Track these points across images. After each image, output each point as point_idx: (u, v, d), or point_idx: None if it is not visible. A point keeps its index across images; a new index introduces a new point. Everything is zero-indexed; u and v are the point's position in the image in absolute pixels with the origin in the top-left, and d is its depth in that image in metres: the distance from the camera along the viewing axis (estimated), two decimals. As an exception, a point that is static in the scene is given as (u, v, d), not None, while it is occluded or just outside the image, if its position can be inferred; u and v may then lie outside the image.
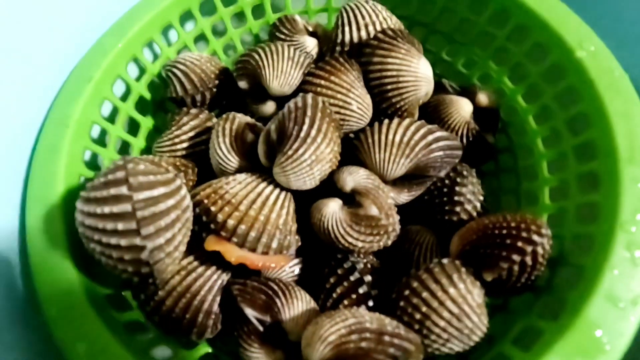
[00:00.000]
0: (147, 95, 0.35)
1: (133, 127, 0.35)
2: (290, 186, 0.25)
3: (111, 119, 0.33)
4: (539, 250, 0.22)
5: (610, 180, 0.24)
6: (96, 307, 0.22)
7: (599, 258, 0.21)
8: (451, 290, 0.22)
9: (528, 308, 0.24)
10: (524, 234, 0.22)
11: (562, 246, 0.25)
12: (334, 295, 0.25)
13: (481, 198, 0.29)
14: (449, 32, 0.37)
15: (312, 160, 0.24)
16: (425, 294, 0.22)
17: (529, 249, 0.22)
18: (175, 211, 0.21)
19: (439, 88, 0.34)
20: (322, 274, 0.27)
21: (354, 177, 0.25)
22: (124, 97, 0.33)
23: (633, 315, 0.20)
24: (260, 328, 0.23)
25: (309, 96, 0.25)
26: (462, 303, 0.22)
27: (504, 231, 0.23)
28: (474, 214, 0.28)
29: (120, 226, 0.19)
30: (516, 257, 0.22)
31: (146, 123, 0.35)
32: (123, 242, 0.19)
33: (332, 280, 0.26)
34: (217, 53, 0.39)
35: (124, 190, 0.19)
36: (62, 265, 0.23)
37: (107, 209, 0.19)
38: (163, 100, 0.37)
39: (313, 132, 0.24)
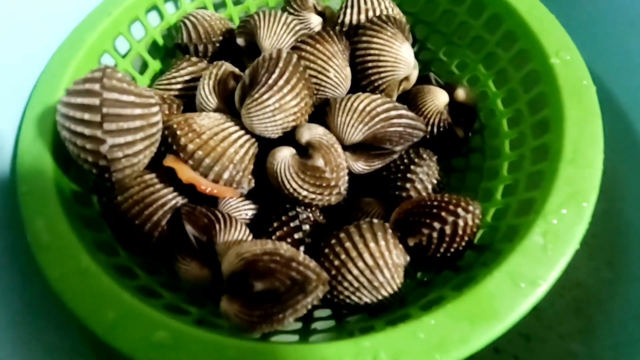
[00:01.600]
0: (160, 41, 0.39)
1: (142, 67, 0.38)
2: (254, 130, 0.28)
3: (123, 54, 0.36)
4: (460, 222, 0.23)
5: (549, 178, 0.24)
6: (60, 195, 0.25)
7: (515, 241, 0.22)
8: (371, 245, 0.24)
9: (445, 283, 0.25)
10: (451, 207, 0.24)
11: (496, 235, 0.26)
12: (273, 237, 0.27)
13: (435, 182, 0.30)
14: (448, 33, 0.38)
15: (276, 107, 0.27)
16: (347, 244, 0.24)
17: (450, 219, 0.23)
18: (140, 120, 0.24)
19: (424, 80, 0.36)
20: (269, 219, 0.29)
21: (311, 132, 0.27)
22: (140, 39, 0.37)
23: (530, 295, 0.20)
24: (195, 245, 0.25)
25: (285, 50, 0.27)
26: (379, 258, 0.23)
27: (435, 203, 0.24)
28: (423, 193, 0.29)
29: (86, 116, 0.22)
30: (436, 225, 0.23)
31: (154, 65, 0.39)
32: (87, 131, 0.22)
33: (275, 224, 0.28)
34: (232, 19, 0.43)
35: (96, 87, 0.22)
36: (43, 155, 0.26)
37: (79, 100, 0.22)
38: (174, 49, 0.40)
39: (281, 82, 0.26)
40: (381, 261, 0.23)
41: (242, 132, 0.28)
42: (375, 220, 0.25)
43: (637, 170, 0.32)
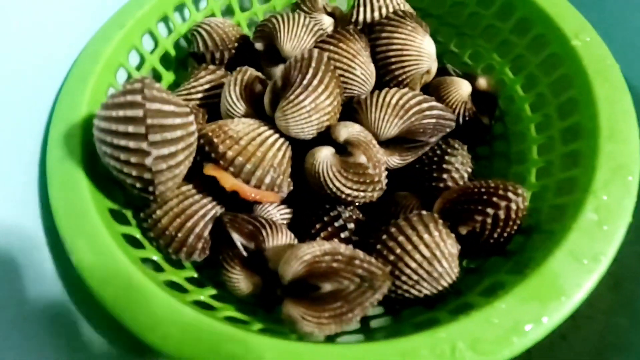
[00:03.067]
0: (172, 52, 0.38)
1: (155, 79, 0.38)
2: (289, 132, 0.27)
3: (137, 66, 0.35)
4: (513, 206, 0.23)
5: (590, 156, 0.25)
6: (98, 213, 0.24)
7: (568, 220, 0.23)
8: (425, 236, 0.23)
9: (498, 268, 0.25)
10: (501, 192, 0.24)
11: (539, 217, 0.26)
12: (318, 239, 0.27)
13: (469, 170, 0.30)
14: (458, 24, 0.39)
15: (312, 108, 0.26)
16: (400, 238, 0.24)
17: (503, 203, 0.23)
18: (181, 130, 0.23)
19: (443, 72, 0.36)
20: (309, 221, 0.29)
21: (349, 130, 0.27)
22: (152, 50, 0.37)
23: (594, 271, 0.21)
24: (244, 253, 0.25)
25: (315, 50, 0.27)
26: (435, 249, 0.23)
27: (483, 189, 0.25)
28: (460, 182, 0.29)
29: (130, 129, 0.21)
30: (490, 211, 0.23)
31: (167, 77, 0.38)
32: (131, 144, 0.21)
33: (317, 226, 0.28)
34: (240, 25, 0.42)
35: (138, 98, 0.21)
36: (75, 173, 0.26)
37: (121, 113, 0.21)
38: (185, 59, 0.39)
39: (315, 82, 0.26)
40: (437, 252, 0.23)
41: (277, 135, 0.28)
42: (424, 212, 0.25)
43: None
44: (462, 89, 0.33)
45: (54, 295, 0.24)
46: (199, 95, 0.34)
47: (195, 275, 0.28)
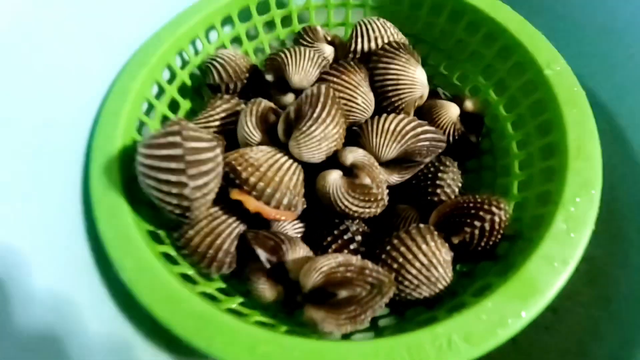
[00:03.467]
0: (188, 82, 0.42)
1: (174, 107, 0.41)
2: (302, 157, 0.31)
3: (158, 97, 0.39)
4: (496, 219, 0.28)
5: (560, 172, 0.29)
6: (140, 236, 0.28)
7: (542, 229, 0.27)
8: (423, 247, 0.28)
9: (487, 272, 0.29)
10: (486, 207, 0.28)
11: (522, 225, 0.30)
12: (329, 250, 0.31)
13: (460, 185, 0.34)
14: (447, 49, 0.43)
15: (321, 137, 0.30)
16: (402, 248, 0.28)
17: (488, 217, 0.27)
18: (212, 163, 0.27)
19: (433, 94, 0.41)
20: (321, 234, 0.33)
21: (354, 154, 0.31)
22: (170, 81, 0.40)
23: (563, 272, 0.25)
24: (268, 265, 0.29)
25: (324, 86, 0.31)
26: (432, 257, 0.27)
27: (471, 204, 0.29)
28: (452, 196, 0.34)
29: (172, 165, 0.25)
30: (477, 223, 0.28)
31: (184, 105, 0.42)
32: (173, 178, 0.25)
33: (329, 239, 0.32)
34: (248, 53, 0.46)
35: (178, 139, 0.25)
36: (117, 202, 0.29)
37: (164, 152, 0.25)
38: (200, 87, 0.43)
39: (324, 114, 0.30)
40: (434, 259, 0.27)
41: (290, 160, 0.32)
42: (421, 225, 0.29)
43: (622, 159, 0.38)
44: (451, 111, 0.37)
45: (110, 318, 0.28)
46: (217, 123, 0.38)
47: (224, 286, 0.32)
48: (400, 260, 0.27)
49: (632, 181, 0.37)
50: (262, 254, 0.29)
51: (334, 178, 0.30)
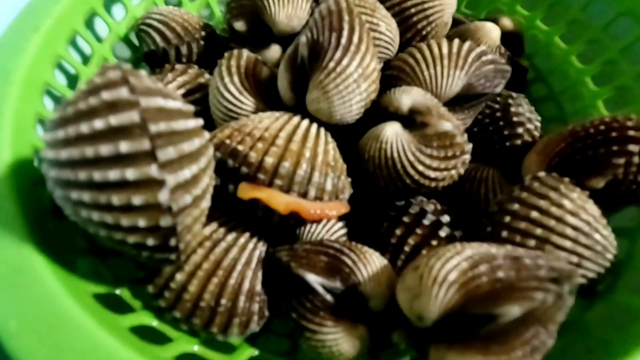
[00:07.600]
0: (113, 59, 0.28)
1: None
2: (334, 115, 0.20)
3: (70, 83, 0.25)
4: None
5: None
6: (82, 307, 0.15)
7: None
8: (566, 203, 0.17)
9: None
10: (631, 132, 0.19)
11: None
12: (406, 248, 0.20)
13: (539, 118, 0.25)
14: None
15: (359, 74, 0.19)
16: (534, 214, 0.17)
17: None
18: (198, 138, 0.14)
19: (455, 24, 0.31)
20: (377, 230, 0.21)
21: (411, 96, 0.20)
22: (85, 60, 0.26)
23: None
24: (330, 298, 0.17)
25: (343, -1, 0.20)
26: (584, 215, 0.17)
27: (602, 127, 0.19)
28: (535, 133, 0.24)
29: (124, 147, 0.12)
30: (633, 147, 0.18)
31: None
32: (130, 173, 0.12)
33: (398, 232, 0.20)
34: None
35: (124, 92, 0.12)
36: (21, 252, 0.15)
37: (99, 124, 0.12)
38: (135, 65, 0.30)
39: (355, 39, 0.19)
40: (590, 218, 0.17)
41: (315, 125, 0.20)
42: (541, 174, 0.19)
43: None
44: (492, 32, 0.28)
45: None
46: (174, 105, 0.24)
47: (256, 352, 0.19)
48: (538, 232, 0.17)
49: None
50: (316, 280, 0.17)
51: (394, 132, 0.19)
